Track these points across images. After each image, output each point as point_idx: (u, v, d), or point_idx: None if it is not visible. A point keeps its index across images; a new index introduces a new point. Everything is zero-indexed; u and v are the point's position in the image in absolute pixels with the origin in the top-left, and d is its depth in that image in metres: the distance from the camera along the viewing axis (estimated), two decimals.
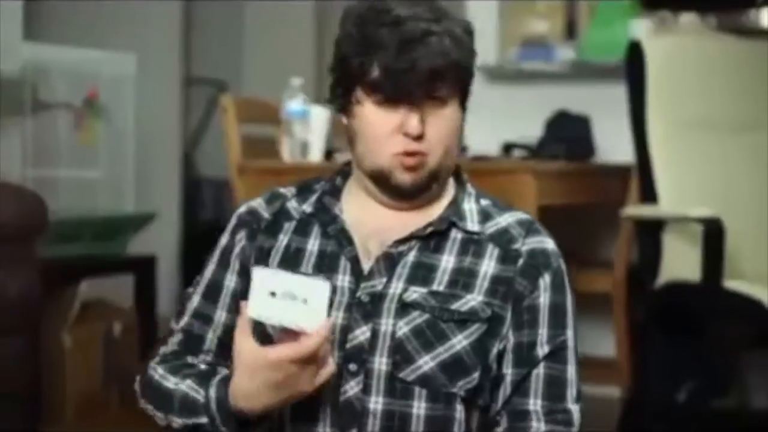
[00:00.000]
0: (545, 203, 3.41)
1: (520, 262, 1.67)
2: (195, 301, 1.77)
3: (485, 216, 1.71)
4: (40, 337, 3.53)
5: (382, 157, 1.64)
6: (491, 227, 1.69)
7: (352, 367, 1.62)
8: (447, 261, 1.66)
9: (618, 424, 3.71)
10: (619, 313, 3.96)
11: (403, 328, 1.61)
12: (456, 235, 1.68)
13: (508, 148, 4.07)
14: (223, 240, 1.77)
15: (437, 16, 1.62)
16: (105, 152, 4.38)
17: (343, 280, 1.66)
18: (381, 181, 1.67)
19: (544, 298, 1.66)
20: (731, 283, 3.13)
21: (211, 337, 1.75)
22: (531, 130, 4.10)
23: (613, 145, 4.03)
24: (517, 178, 3.41)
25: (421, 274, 1.65)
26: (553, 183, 3.59)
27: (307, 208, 1.73)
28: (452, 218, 1.68)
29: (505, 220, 1.71)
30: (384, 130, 1.62)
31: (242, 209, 1.78)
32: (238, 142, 3.66)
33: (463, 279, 1.65)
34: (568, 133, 4.05)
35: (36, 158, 4.15)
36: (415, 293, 1.63)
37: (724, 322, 3.19)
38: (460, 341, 1.62)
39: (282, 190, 1.78)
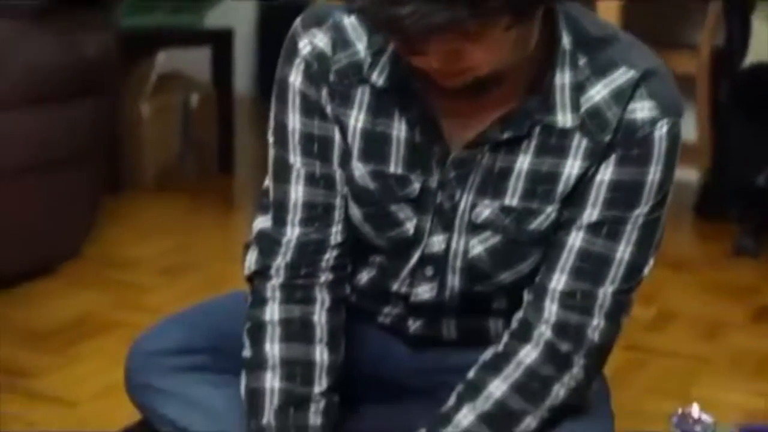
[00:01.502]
0: None
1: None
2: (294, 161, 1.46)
3: (579, 89, 1.36)
4: (119, 104, 3.56)
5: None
6: (584, 104, 1.36)
7: (428, 271, 1.48)
8: (522, 162, 1.39)
9: (695, 203, 3.72)
10: (702, 95, 3.90)
11: (477, 247, 1.44)
12: (538, 127, 1.39)
13: None
14: (297, 83, 1.44)
15: None
16: None
17: (434, 180, 1.42)
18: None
19: (602, 175, 1.38)
20: None
21: (337, 214, 1.48)
22: None
23: None
24: None
25: (492, 181, 1.40)
26: None
27: (380, 80, 1.41)
28: (536, 116, 1.37)
29: (598, 92, 1.36)
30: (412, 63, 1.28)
31: (307, 48, 1.43)
32: None
33: (541, 188, 1.40)
34: None
35: None
36: (487, 209, 1.41)
37: None
38: (540, 252, 1.44)
39: (349, 31, 1.42)
